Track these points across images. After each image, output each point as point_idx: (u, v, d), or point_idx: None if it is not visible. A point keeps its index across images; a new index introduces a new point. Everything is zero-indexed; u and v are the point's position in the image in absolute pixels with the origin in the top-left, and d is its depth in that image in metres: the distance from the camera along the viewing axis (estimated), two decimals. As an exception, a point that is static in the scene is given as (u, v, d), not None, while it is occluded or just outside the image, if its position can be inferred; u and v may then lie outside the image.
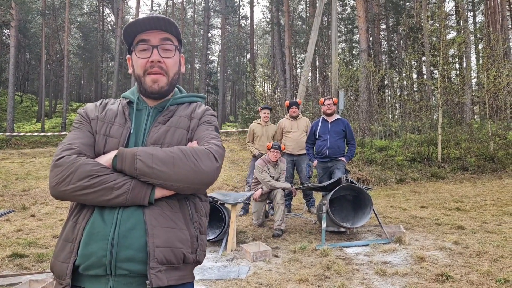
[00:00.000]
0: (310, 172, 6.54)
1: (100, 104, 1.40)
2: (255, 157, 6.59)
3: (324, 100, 6.08)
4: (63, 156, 1.16)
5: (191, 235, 1.21)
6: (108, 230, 1.11)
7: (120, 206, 1.14)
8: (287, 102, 7.06)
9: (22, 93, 35.63)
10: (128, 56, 1.41)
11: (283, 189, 5.56)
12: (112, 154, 1.19)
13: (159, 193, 1.17)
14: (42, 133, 20.40)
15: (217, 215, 4.84)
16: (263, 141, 6.78)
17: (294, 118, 6.85)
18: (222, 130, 22.54)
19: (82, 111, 1.37)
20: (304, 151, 6.50)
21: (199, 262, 1.25)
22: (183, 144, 1.28)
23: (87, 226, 1.13)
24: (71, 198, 1.15)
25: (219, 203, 4.85)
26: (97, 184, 1.12)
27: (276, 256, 4.25)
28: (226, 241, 4.62)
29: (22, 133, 20.03)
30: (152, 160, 1.14)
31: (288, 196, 6.49)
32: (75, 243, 1.12)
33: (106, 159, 1.19)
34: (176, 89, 1.46)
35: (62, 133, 18.30)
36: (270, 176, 5.61)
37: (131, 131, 1.29)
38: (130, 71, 1.40)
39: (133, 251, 1.10)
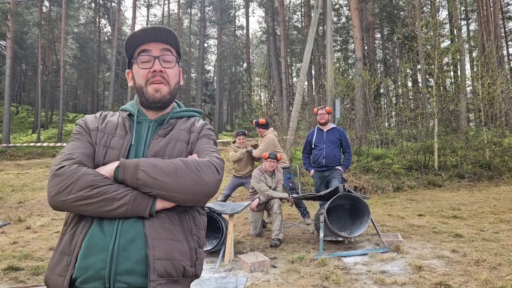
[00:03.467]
0: (290, 184, 6.49)
1: (100, 115, 1.40)
2: None
3: (318, 110, 6.09)
4: (63, 166, 1.15)
5: (190, 248, 1.20)
6: (108, 242, 1.09)
7: (120, 218, 1.13)
8: (254, 122, 6.87)
9: (18, 104, 35.58)
10: (127, 70, 1.42)
11: (281, 199, 5.56)
12: (114, 164, 1.18)
13: (160, 205, 1.16)
14: (38, 144, 20.31)
15: (214, 225, 4.82)
16: None
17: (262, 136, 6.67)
18: (218, 140, 22.53)
19: (81, 122, 1.36)
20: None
21: (197, 276, 1.24)
22: (183, 156, 1.28)
23: (86, 238, 1.11)
24: (71, 209, 1.13)
25: (216, 213, 4.83)
26: (98, 195, 1.10)
27: (274, 267, 4.23)
28: (224, 251, 4.59)
29: (18, 144, 19.95)
30: (154, 171, 1.13)
31: None
32: (73, 256, 1.10)
33: (107, 170, 1.18)
34: (174, 103, 1.47)
35: (58, 144, 18.20)
36: (267, 186, 5.60)
37: (132, 143, 1.29)
38: (130, 84, 1.41)
39: (132, 263, 1.09)
